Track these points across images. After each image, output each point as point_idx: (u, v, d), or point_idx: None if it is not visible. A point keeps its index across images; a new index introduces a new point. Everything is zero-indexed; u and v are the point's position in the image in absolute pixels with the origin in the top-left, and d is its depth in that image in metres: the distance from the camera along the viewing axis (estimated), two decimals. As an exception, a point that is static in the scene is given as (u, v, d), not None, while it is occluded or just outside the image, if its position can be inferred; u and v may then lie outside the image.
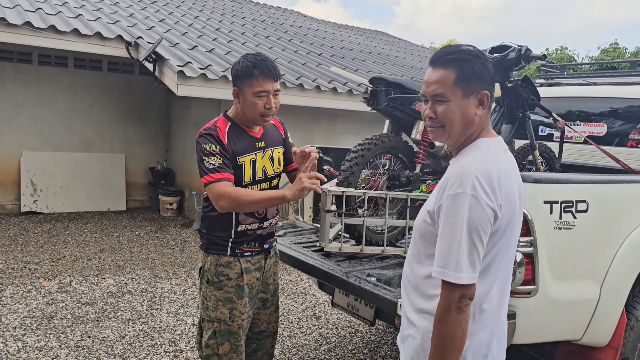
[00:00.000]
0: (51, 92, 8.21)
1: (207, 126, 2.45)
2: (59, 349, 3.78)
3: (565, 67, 5.73)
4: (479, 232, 1.49)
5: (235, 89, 2.40)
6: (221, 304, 2.46)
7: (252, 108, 2.37)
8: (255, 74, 2.32)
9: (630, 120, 4.00)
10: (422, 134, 3.08)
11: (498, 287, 1.64)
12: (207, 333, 2.50)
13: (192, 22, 9.71)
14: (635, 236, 2.85)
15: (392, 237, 3.01)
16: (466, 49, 1.63)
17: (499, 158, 1.61)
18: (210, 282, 2.47)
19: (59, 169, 8.25)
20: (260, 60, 2.35)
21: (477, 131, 1.66)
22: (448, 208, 1.52)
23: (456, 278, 1.48)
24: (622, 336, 2.85)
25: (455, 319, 1.48)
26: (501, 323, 1.69)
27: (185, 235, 7.32)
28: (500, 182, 1.53)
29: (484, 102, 1.63)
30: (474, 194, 1.49)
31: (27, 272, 5.36)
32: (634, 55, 23.82)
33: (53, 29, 6.67)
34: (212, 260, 2.47)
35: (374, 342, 4.28)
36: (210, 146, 2.34)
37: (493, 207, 1.50)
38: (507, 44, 3.44)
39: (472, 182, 1.49)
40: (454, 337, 1.49)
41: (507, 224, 1.58)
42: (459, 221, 1.49)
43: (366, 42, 13.84)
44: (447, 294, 1.50)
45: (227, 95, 6.70)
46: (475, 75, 1.60)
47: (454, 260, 1.48)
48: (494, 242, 1.56)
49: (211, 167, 2.31)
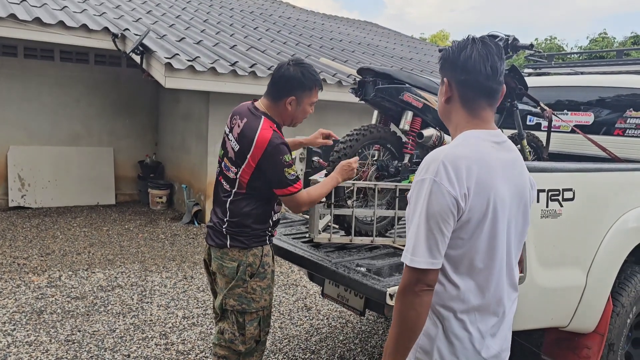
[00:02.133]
0: (37, 86, 8.11)
1: (274, 131, 2.46)
2: (49, 344, 3.76)
3: (553, 56, 5.75)
4: (436, 219, 1.47)
5: (294, 98, 2.51)
6: (265, 292, 2.59)
7: (303, 115, 2.60)
8: (318, 86, 2.56)
9: (617, 109, 4.03)
10: (411, 124, 3.08)
11: (477, 287, 1.58)
12: (251, 325, 2.59)
13: (180, 14, 9.62)
14: (621, 224, 2.89)
15: (381, 228, 3.02)
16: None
17: (479, 147, 1.56)
18: (256, 275, 2.56)
19: (47, 164, 8.17)
20: (318, 72, 2.56)
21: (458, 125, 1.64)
22: (413, 193, 1.53)
23: (411, 261, 1.48)
24: (608, 322, 2.89)
25: (410, 301, 1.49)
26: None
27: (175, 228, 7.30)
28: (470, 169, 1.49)
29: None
30: (436, 179, 1.47)
31: (16, 267, 5.32)
32: (622, 44, 23.96)
33: (38, 21, 6.59)
34: (256, 253, 2.56)
35: (365, 332, 4.30)
36: (289, 157, 2.45)
37: (454, 194, 1.47)
38: (494, 33, 3.44)
39: (437, 167, 1.48)
40: (408, 317, 1.50)
41: (481, 216, 1.52)
42: (419, 206, 1.50)
43: (355, 32, 13.80)
44: (405, 276, 1.51)
45: (216, 87, 6.67)
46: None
47: (412, 244, 1.49)
48: (468, 234, 1.52)
49: (293, 177, 2.46)
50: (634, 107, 3.89)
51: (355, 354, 3.92)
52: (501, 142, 1.62)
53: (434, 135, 3.08)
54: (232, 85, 6.71)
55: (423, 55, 13.05)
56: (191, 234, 7.01)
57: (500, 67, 1.60)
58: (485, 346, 1.61)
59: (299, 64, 2.53)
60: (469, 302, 1.57)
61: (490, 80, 1.58)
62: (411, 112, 3.06)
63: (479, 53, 1.57)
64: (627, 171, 3.14)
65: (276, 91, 2.53)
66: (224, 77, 6.62)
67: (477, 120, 1.62)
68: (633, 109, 3.89)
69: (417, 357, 1.61)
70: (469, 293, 1.57)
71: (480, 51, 1.57)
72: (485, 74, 1.57)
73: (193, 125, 8.00)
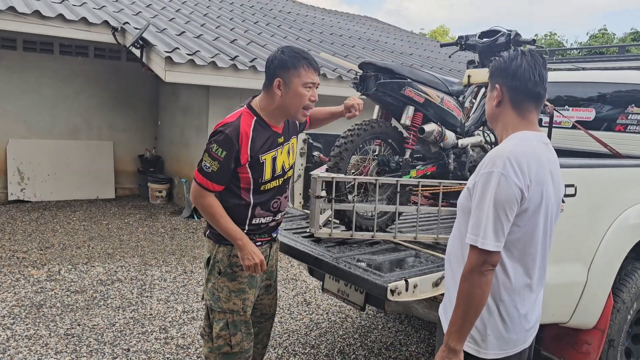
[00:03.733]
0: (36, 79, 8.08)
1: (228, 121, 2.30)
2: (49, 337, 3.76)
3: (555, 52, 5.73)
4: (504, 207, 1.67)
5: (279, 80, 2.27)
6: (234, 295, 2.45)
7: (298, 100, 2.30)
8: (305, 65, 2.27)
9: (618, 105, 4.01)
10: (412, 119, 3.07)
11: (525, 270, 1.80)
12: (218, 324, 2.47)
13: (180, 8, 9.58)
14: (622, 220, 2.89)
15: (382, 223, 3.01)
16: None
17: (534, 146, 1.78)
18: (223, 274, 2.44)
19: (46, 157, 8.15)
20: (306, 52, 2.32)
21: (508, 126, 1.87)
22: (481, 184, 1.71)
23: (482, 244, 1.67)
24: (608, 318, 2.90)
25: (477, 280, 1.69)
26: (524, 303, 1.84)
27: (175, 222, 7.29)
28: (530, 165, 1.70)
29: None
30: (503, 172, 1.67)
31: (15, 260, 5.32)
32: (622, 40, 23.91)
33: (37, 14, 6.55)
34: (224, 251, 2.43)
35: (364, 327, 4.30)
36: (218, 149, 2.25)
37: (520, 186, 1.67)
38: (496, 28, 3.43)
39: (503, 162, 1.68)
40: (474, 295, 1.69)
41: (537, 207, 1.73)
42: (487, 196, 1.69)
43: (355, 27, 13.75)
44: (472, 258, 1.70)
45: (216, 82, 6.65)
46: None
47: (482, 229, 1.68)
48: (524, 221, 1.73)
49: (207, 170, 2.28)
50: (636, 103, 3.87)
51: (355, 348, 3.92)
52: (547, 143, 1.86)
53: (435, 131, 3.07)
54: (232, 79, 6.68)
55: (423, 51, 13.02)
56: (191, 228, 7.01)
57: (546, 75, 1.83)
58: (527, 320, 1.86)
59: (286, 47, 2.33)
60: (518, 283, 1.80)
61: (538, 86, 1.81)
62: (413, 107, 3.05)
63: (528, 63, 1.80)
64: (628, 167, 3.14)
65: (266, 80, 2.34)
66: (224, 72, 6.60)
67: (525, 121, 1.84)
68: (635, 105, 3.88)
69: (471, 334, 1.80)
70: (519, 275, 1.80)
71: (529, 61, 1.80)
72: (534, 80, 1.80)
73: (193, 119, 7.98)
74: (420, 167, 3.17)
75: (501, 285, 1.78)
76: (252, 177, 2.37)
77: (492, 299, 1.79)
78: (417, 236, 2.95)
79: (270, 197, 2.47)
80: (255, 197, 2.41)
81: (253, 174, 2.36)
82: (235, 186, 2.38)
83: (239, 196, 2.39)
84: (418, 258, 2.73)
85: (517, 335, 1.84)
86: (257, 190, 2.41)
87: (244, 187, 2.39)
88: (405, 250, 2.86)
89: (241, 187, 2.39)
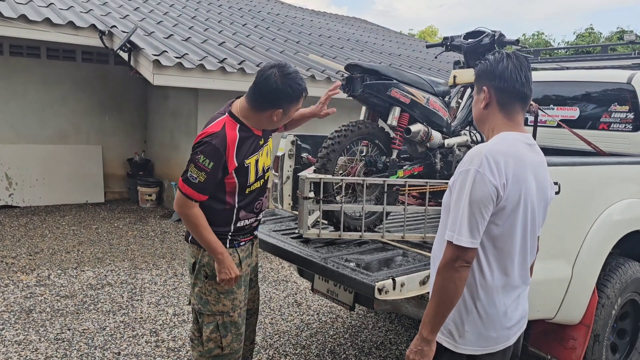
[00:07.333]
0: (24, 84, 8.02)
1: (213, 130, 2.33)
2: (39, 342, 3.75)
3: (540, 52, 5.80)
4: (479, 204, 1.69)
5: (281, 111, 2.39)
6: (223, 296, 2.48)
7: (286, 120, 2.52)
8: (304, 95, 2.43)
9: (602, 104, 4.07)
10: (398, 120, 3.10)
11: (504, 268, 1.82)
12: (208, 327, 2.49)
13: (168, 11, 9.56)
14: (606, 217, 2.93)
15: (370, 223, 3.04)
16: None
17: (514, 145, 1.79)
18: (210, 277, 2.46)
19: (35, 162, 8.10)
20: (303, 81, 2.42)
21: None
22: (459, 182, 1.74)
23: (457, 240, 1.70)
24: (593, 314, 2.94)
25: (450, 275, 1.71)
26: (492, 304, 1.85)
27: (165, 226, 7.28)
28: (508, 163, 1.72)
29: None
30: (480, 170, 1.69)
31: (4, 266, 5.28)
32: (609, 39, 24.15)
33: (24, 18, 6.52)
34: (210, 255, 2.44)
35: (355, 327, 4.33)
36: (205, 160, 2.28)
37: (495, 184, 1.69)
38: (481, 29, 3.48)
39: (480, 160, 1.70)
40: (446, 289, 1.72)
41: (515, 206, 1.75)
42: (464, 193, 1.71)
43: (344, 29, 13.79)
44: (447, 253, 1.73)
45: (204, 85, 6.65)
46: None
47: (457, 225, 1.71)
48: (502, 220, 1.75)
49: (193, 180, 2.30)
50: (618, 102, 3.94)
51: (345, 348, 3.94)
52: (532, 145, 1.87)
53: (422, 131, 3.10)
54: (220, 82, 6.69)
55: (412, 51, 13.08)
56: (181, 231, 6.99)
57: (530, 76, 1.87)
58: (508, 318, 1.87)
59: (286, 74, 2.34)
60: (495, 281, 1.82)
61: (525, 87, 1.84)
62: (399, 107, 3.08)
63: (514, 64, 1.84)
64: (612, 165, 3.19)
65: (261, 102, 2.37)
66: (212, 74, 6.60)
67: (511, 123, 1.87)
68: (618, 103, 3.94)
69: (448, 329, 1.85)
70: (496, 273, 1.81)
71: (515, 63, 1.84)
72: (520, 81, 1.83)
73: (182, 123, 7.97)
74: (408, 167, 3.20)
75: (478, 283, 1.81)
76: (237, 182, 2.41)
77: (470, 296, 1.82)
78: (405, 235, 2.98)
79: (253, 198, 2.53)
80: (240, 200, 2.46)
81: (239, 179, 2.41)
82: (221, 191, 2.41)
83: (223, 201, 2.43)
84: (406, 257, 2.76)
85: (497, 333, 1.86)
86: (242, 193, 2.46)
87: (229, 191, 2.43)
88: (393, 250, 2.89)
89: (226, 192, 2.43)
